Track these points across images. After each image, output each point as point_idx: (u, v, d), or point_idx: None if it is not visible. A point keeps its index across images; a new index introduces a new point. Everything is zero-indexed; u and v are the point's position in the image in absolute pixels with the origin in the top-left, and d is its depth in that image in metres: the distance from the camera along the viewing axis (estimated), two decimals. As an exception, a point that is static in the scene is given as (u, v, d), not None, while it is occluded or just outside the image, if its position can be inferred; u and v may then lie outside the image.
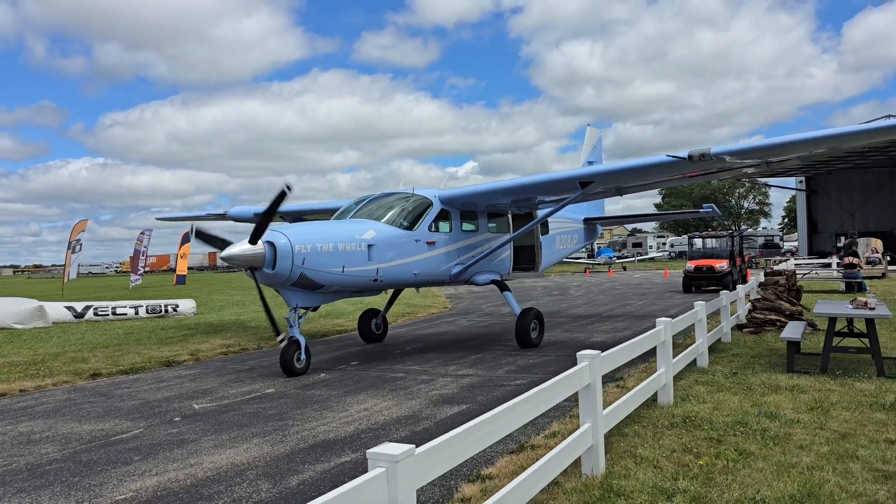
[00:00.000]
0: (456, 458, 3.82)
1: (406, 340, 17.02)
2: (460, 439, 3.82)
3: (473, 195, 14.23)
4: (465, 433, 3.88)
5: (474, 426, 3.99)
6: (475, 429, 3.99)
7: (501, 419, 4.30)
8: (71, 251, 43.53)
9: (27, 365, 14.07)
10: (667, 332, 8.65)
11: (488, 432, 4.15)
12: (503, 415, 4.34)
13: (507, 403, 4.51)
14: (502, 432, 4.39)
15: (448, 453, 3.72)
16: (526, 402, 4.73)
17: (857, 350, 10.38)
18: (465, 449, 3.88)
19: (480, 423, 4.06)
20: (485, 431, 4.10)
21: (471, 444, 3.95)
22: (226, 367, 13.76)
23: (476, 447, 4.03)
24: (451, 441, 3.76)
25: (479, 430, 4.03)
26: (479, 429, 4.02)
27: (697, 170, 12.77)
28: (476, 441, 4.01)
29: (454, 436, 3.80)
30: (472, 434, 3.96)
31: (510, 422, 4.48)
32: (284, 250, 11.50)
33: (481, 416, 4.17)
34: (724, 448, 6.64)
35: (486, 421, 4.12)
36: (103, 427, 8.94)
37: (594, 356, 6.08)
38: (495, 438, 4.31)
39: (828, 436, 6.97)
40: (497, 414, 4.28)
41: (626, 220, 23.08)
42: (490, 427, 4.16)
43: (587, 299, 28.10)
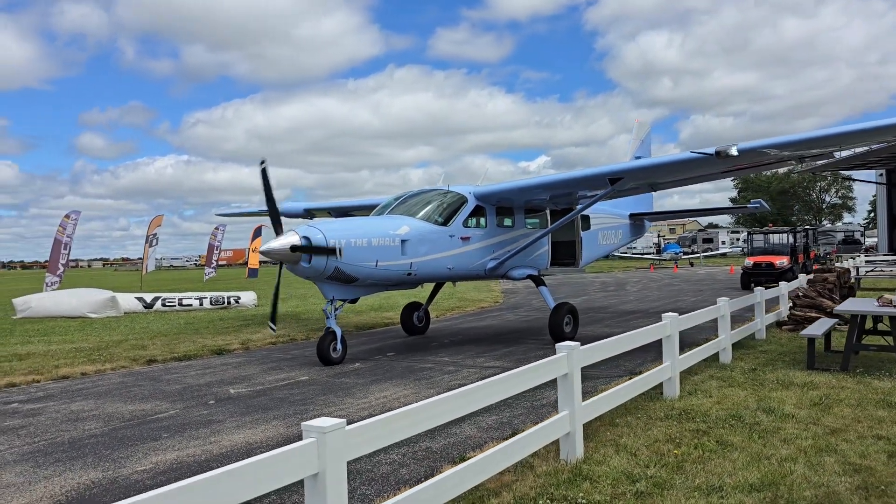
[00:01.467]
0: (389, 438, 4.19)
1: (447, 333, 17.46)
2: (392, 421, 4.21)
3: (506, 191, 14.54)
4: (399, 416, 4.27)
5: (407, 411, 4.37)
6: (408, 413, 4.36)
7: (437, 408, 4.63)
8: (148, 245, 45.86)
9: (92, 351, 15.21)
10: (672, 327, 8.79)
11: (424, 418, 4.50)
12: (440, 403, 4.68)
13: (451, 392, 4.88)
14: (442, 418, 4.72)
15: (379, 433, 4.11)
16: (475, 391, 5.07)
17: (880, 348, 10.21)
18: (398, 430, 4.25)
19: (415, 409, 4.43)
20: (419, 417, 4.45)
21: (404, 427, 4.31)
22: (271, 355, 14.52)
23: (411, 430, 4.39)
24: (385, 422, 4.16)
25: (414, 415, 4.40)
26: (412, 414, 4.39)
27: (728, 166, 12.70)
28: (410, 424, 4.36)
29: (387, 418, 4.20)
30: (406, 418, 4.33)
31: (452, 410, 4.79)
32: (320, 245, 12.11)
33: (420, 402, 4.56)
34: (707, 439, 6.81)
35: (421, 407, 4.49)
36: (144, 408, 9.74)
37: (573, 347, 6.36)
38: (434, 423, 4.65)
39: (817, 431, 7.04)
40: (434, 402, 4.64)
41: (672, 215, 22.82)
42: (425, 413, 4.50)
43: (640, 295, 27.90)
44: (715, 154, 11.76)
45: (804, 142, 11.45)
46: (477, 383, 5.21)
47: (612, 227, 19.10)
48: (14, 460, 7.31)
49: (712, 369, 10.54)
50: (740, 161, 12.32)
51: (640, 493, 5.44)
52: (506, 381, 5.55)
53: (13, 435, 8.39)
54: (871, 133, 11.14)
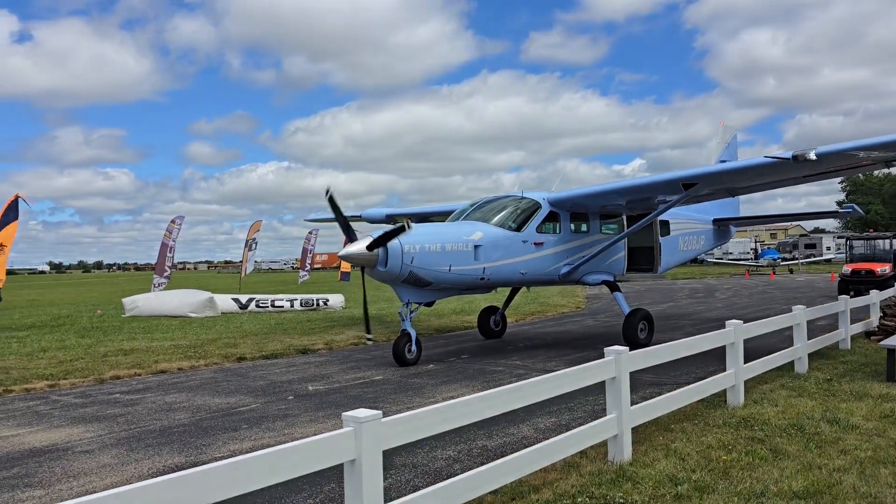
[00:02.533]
0: (423, 431, 4.53)
1: (523, 338, 17.66)
2: (427, 416, 4.55)
3: (580, 197, 14.63)
4: (433, 412, 4.60)
5: (442, 407, 4.69)
6: (442, 409, 4.68)
7: (473, 405, 4.92)
8: (248, 249, 48.09)
9: (188, 348, 16.31)
10: (736, 335, 8.73)
11: (460, 414, 4.82)
12: (476, 402, 4.97)
13: (489, 391, 5.17)
14: (478, 415, 5.00)
15: (414, 425, 4.46)
16: (512, 391, 5.33)
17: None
18: (432, 424, 4.58)
19: (452, 406, 4.75)
20: (456, 413, 4.77)
21: (438, 422, 4.63)
22: (351, 356, 15.16)
23: (445, 425, 4.69)
24: (420, 416, 4.50)
25: (448, 410, 4.72)
26: (449, 410, 4.71)
27: (809, 170, 12.37)
28: (444, 420, 4.67)
29: (422, 412, 4.55)
30: (440, 413, 4.65)
31: (487, 408, 5.07)
32: (395, 250, 12.60)
33: (457, 399, 4.88)
34: (761, 447, 6.79)
35: (456, 404, 4.81)
36: (229, 401, 10.48)
37: (621, 352, 6.52)
38: (469, 420, 4.93)
39: (880, 443, 6.88)
40: (470, 400, 4.94)
41: (759, 220, 22.10)
42: (460, 410, 4.81)
43: (729, 302, 27.14)
44: (792, 159, 11.50)
45: (892, 143, 11.02)
46: (518, 383, 5.49)
47: (693, 232, 18.79)
48: (111, 444, 8.11)
49: (785, 378, 10.34)
50: (822, 165, 11.99)
51: (680, 495, 5.56)
52: (547, 383, 5.79)
53: (113, 422, 9.26)
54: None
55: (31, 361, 14.62)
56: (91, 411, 9.99)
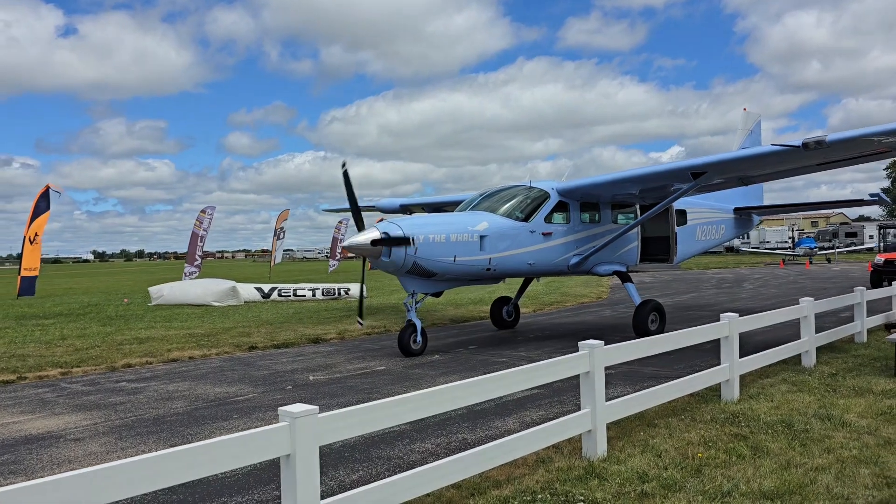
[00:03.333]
0: (363, 427, 4.48)
1: (535, 328, 17.53)
2: (369, 411, 4.51)
3: (589, 186, 14.42)
4: (370, 408, 4.55)
5: (380, 405, 4.64)
6: (388, 405, 4.64)
7: (421, 400, 4.84)
8: (276, 238, 48.62)
9: (203, 336, 16.54)
10: (731, 328, 8.51)
11: (406, 409, 4.74)
12: (426, 397, 4.89)
13: (444, 386, 5.11)
14: (426, 411, 4.93)
15: (353, 421, 4.42)
16: (466, 387, 5.25)
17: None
18: (374, 420, 4.53)
19: (395, 402, 4.69)
20: (400, 409, 4.70)
21: (382, 418, 4.58)
22: (361, 345, 15.21)
23: (389, 421, 4.65)
24: (360, 411, 4.46)
25: (394, 406, 4.66)
26: (386, 407, 4.65)
27: (822, 158, 11.99)
28: (389, 416, 4.62)
29: (363, 408, 4.51)
30: (385, 409, 4.60)
31: (438, 403, 4.97)
32: (398, 238, 12.58)
33: (407, 395, 4.83)
34: (742, 444, 6.62)
35: (404, 399, 4.75)
36: (229, 390, 10.59)
37: (595, 346, 6.41)
38: (418, 415, 4.87)
39: (869, 441, 6.66)
40: (419, 395, 4.87)
41: (782, 209, 21.52)
42: (407, 405, 4.74)
43: (755, 293, 26.59)
44: (802, 146, 11.17)
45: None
46: (476, 378, 5.42)
47: (712, 221, 18.41)
48: (103, 432, 8.26)
49: (788, 372, 10.08)
50: (835, 153, 11.62)
51: (645, 493, 5.44)
52: (512, 377, 5.71)
53: (111, 410, 9.43)
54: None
55: (48, 349, 14.98)
56: (94, 399, 10.19)
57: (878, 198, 17.35)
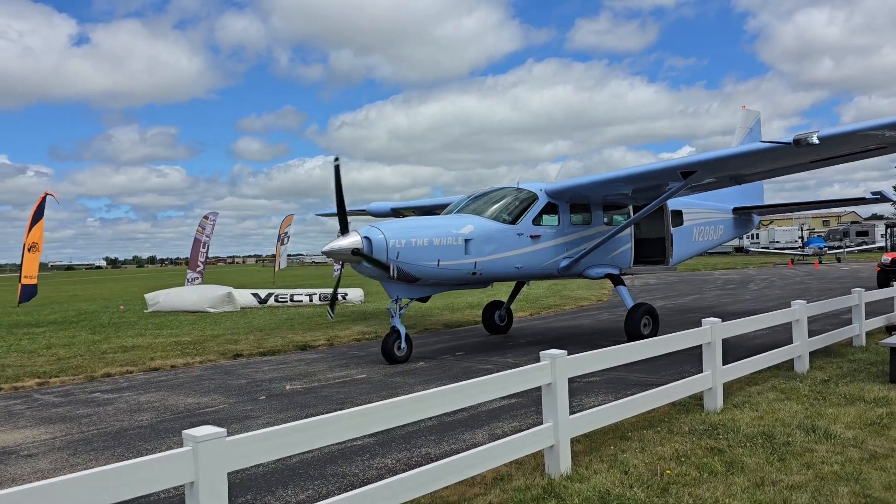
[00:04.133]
0: (277, 452, 4.09)
1: (528, 333, 17.14)
2: (282, 434, 4.14)
3: (577, 187, 14.03)
4: (291, 429, 4.19)
5: (303, 425, 4.27)
6: (304, 427, 4.26)
7: (340, 423, 4.46)
8: (280, 243, 48.39)
9: (189, 344, 16.25)
10: (714, 334, 8.11)
11: (324, 433, 4.35)
12: (344, 419, 4.51)
13: (377, 404, 4.74)
14: (346, 434, 4.54)
15: (264, 445, 4.05)
16: (398, 405, 4.86)
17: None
18: (288, 444, 4.14)
19: (313, 423, 4.31)
20: (316, 432, 4.30)
21: (297, 441, 4.19)
22: (348, 352, 14.88)
23: (304, 445, 4.26)
24: (272, 434, 4.10)
25: (310, 429, 4.27)
26: (309, 428, 4.27)
27: (815, 155, 11.56)
28: (305, 439, 4.23)
29: (276, 430, 4.15)
30: (300, 432, 4.22)
31: (359, 425, 4.59)
32: (379, 245, 12.25)
33: (327, 415, 4.46)
34: (717, 459, 6.22)
35: (320, 421, 4.38)
36: (200, 401, 10.28)
37: (557, 356, 6.04)
38: (338, 438, 4.49)
39: (853, 455, 6.24)
40: (338, 416, 4.49)
41: (782, 208, 21.03)
42: (325, 428, 4.34)
43: (759, 294, 26.05)
44: (794, 143, 10.74)
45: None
46: (420, 393, 5.06)
47: (709, 222, 17.97)
48: (60, 447, 7.96)
49: (779, 379, 9.65)
50: (829, 150, 11.19)
51: (603, 515, 5.07)
52: (461, 392, 5.35)
53: (75, 423, 9.14)
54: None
55: (31, 359, 14.74)
56: (61, 412, 9.90)
57: (880, 196, 16.85)
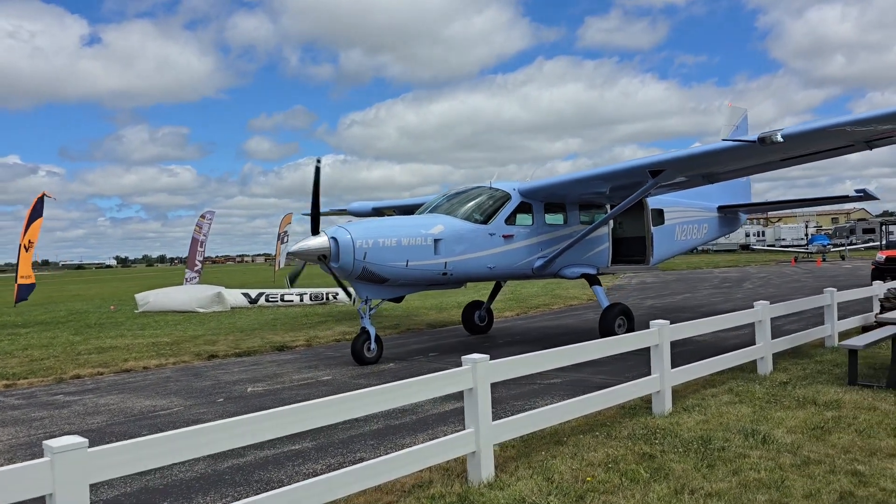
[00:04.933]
0: (144, 463, 3.99)
1: (509, 333, 17.01)
2: (149, 446, 4.04)
3: (549, 187, 13.89)
4: (151, 442, 4.08)
5: (172, 436, 4.16)
6: (173, 438, 4.15)
7: (215, 433, 4.34)
8: (280, 242, 48.38)
9: (167, 345, 16.23)
10: (661, 336, 7.97)
11: (196, 444, 4.23)
12: (220, 429, 4.39)
13: (255, 414, 4.63)
14: (225, 444, 4.44)
15: (130, 457, 3.95)
16: (275, 416, 4.73)
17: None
18: (155, 456, 4.03)
19: (170, 437, 4.16)
20: (187, 442, 4.18)
21: (166, 453, 4.08)
22: (323, 353, 14.80)
23: (173, 457, 4.14)
24: (139, 445, 4.01)
25: (181, 439, 4.15)
26: (179, 438, 4.16)
27: (784, 153, 11.37)
28: (173, 451, 4.11)
29: (144, 441, 4.05)
30: (168, 443, 4.11)
31: (235, 436, 4.46)
32: (346, 245, 12.16)
33: (200, 426, 4.35)
34: (644, 466, 6.09)
35: (193, 432, 4.28)
36: (157, 404, 10.23)
37: (478, 360, 5.93)
38: (214, 449, 4.39)
39: (785, 461, 6.09)
40: (215, 427, 4.39)
41: (768, 206, 20.76)
42: (197, 439, 4.23)
43: (752, 293, 25.77)
44: (758, 141, 10.57)
45: (866, 121, 9.96)
46: (307, 403, 4.95)
47: (693, 220, 17.77)
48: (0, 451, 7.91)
49: (739, 381, 9.49)
50: (796, 147, 11.02)
51: (509, 524, 4.95)
52: (369, 398, 5.25)
53: (27, 426, 9.11)
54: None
55: (3, 360, 14.76)
56: (17, 415, 9.87)
57: (863, 193, 16.60)
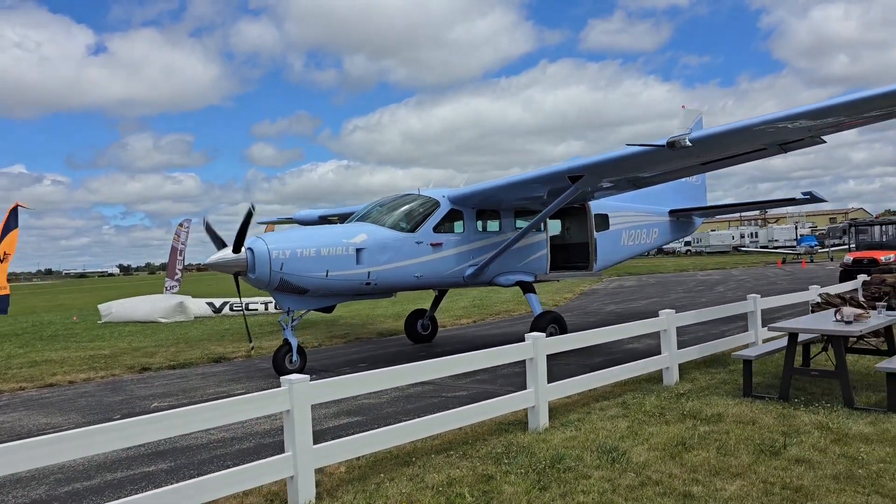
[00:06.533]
0: None
1: (452, 343, 16.75)
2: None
3: (479, 193, 13.62)
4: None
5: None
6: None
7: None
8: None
9: (104, 358, 16.03)
10: (536, 349, 7.72)
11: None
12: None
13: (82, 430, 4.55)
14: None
15: None
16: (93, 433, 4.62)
17: (823, 374, 8.41)
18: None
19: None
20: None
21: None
22: (256, 365, 14.56)
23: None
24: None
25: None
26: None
27: (704, 157, 11.12)
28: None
29: None
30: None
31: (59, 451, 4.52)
32: (262, 256, 11.93)
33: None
34: (479, 488, 5.84)
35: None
36: (52, 422, 10.02)
37: (295, 381, 5.69)
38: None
39: (623, 482, 5.84)
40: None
41: (716, 210, 20.45)
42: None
43: (720, 296, 25.42)
44: (667, 145, 10.32)
45: (772, 121, 9.67)
46: (133, 419, 4.78)
47: (641, 225, 17.49)
48: None
49: (637, 392, 9.23)
50: (708, 152, 10.79)
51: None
52: (157, 422, 5.03)
53: None
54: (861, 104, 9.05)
55: (-68, 375, 14.57)
56: None
57: (810, 195, 16.31)
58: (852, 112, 9.17)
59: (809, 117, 9.25)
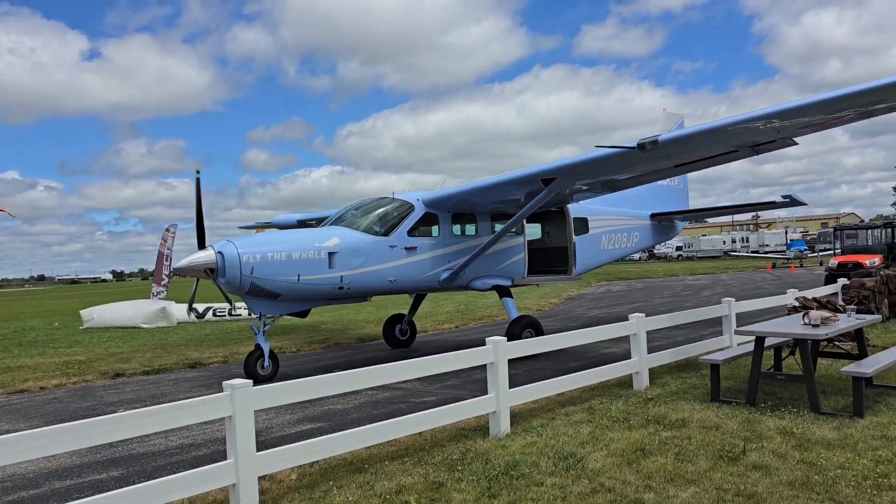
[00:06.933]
0: None
1: (432, 347, 16.59)
2: None
3: (454, 196, 13.52)
4: None
5: None
6: None
7: None
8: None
9: (78, 363, 15.84)
10: (496, 354, 7.60)
11: None
12: None
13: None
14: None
15: None
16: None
17: (789, 378, 8.31)
18: None
19: None
20: None
21: None
22: (232, 371, 14.38)
23: None
24: None
25: None
26: None
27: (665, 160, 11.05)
28: None
29: None
30: None
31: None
32: (232, 260, 11.81)
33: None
34: (427, 496, 5.71)
35: None
36: (15, 428, 9.81)
37: (238, 386, 5.56)
38: None
39: (574, 489, 5.72)
40: None
41: (698, 213, 20.39)
42: None
43: (705, 301, 25.37)
44: (638, 147, 10.24)
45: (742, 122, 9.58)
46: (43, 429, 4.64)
47: (621, 229, 17.41)
48: None
49: (606, 397, 9.12)
50: (679, 154, 10.70)
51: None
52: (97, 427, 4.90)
53: None
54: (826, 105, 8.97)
55: None
56: None
57: (790, 199, 16.26)
58: (821, 111, 9.09)
59: (779, 117, 9.17)
